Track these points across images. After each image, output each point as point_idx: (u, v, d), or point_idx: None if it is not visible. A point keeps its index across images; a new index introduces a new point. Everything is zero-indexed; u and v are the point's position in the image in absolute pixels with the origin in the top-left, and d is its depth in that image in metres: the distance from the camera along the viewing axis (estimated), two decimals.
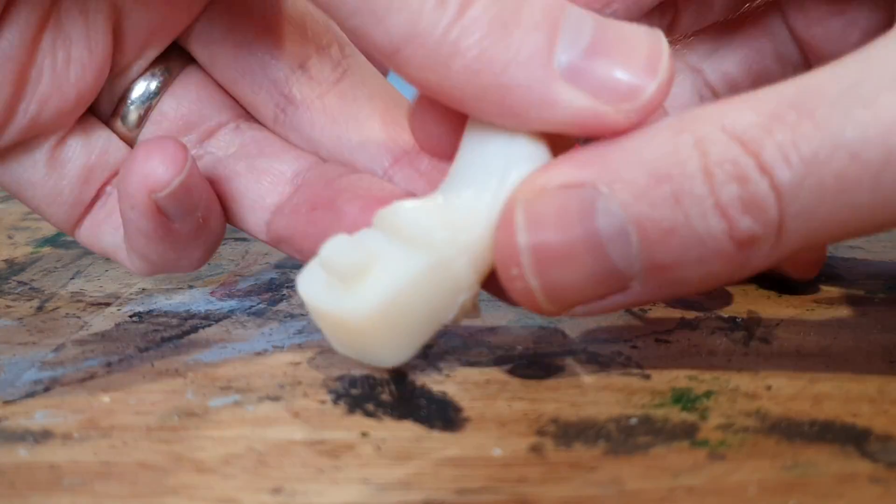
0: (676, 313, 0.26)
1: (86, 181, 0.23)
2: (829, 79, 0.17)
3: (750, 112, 0.17)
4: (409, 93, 0.21)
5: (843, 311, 0.26)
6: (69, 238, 0.36)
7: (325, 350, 0.24)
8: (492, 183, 0.19)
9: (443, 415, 0.20)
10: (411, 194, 0.22)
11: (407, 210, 0.19)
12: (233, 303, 0.28)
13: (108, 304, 0.28)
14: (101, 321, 0.26)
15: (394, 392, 0.21)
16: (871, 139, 0.16)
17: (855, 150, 0.16)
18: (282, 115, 0.23)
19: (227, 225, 0.25)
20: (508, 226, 0.18)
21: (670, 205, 0.17)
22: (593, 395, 0.21)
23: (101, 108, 0.24)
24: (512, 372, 0.22)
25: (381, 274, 0.18)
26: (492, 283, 0.19)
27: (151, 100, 0.23)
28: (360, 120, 0.23)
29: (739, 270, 0.18)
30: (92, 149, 0.23)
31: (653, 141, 0.17)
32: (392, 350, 0.19)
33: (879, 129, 0.16)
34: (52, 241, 0.36)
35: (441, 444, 0.19)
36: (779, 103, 0.17)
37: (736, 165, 0.16)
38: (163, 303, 0.28)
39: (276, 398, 0.21)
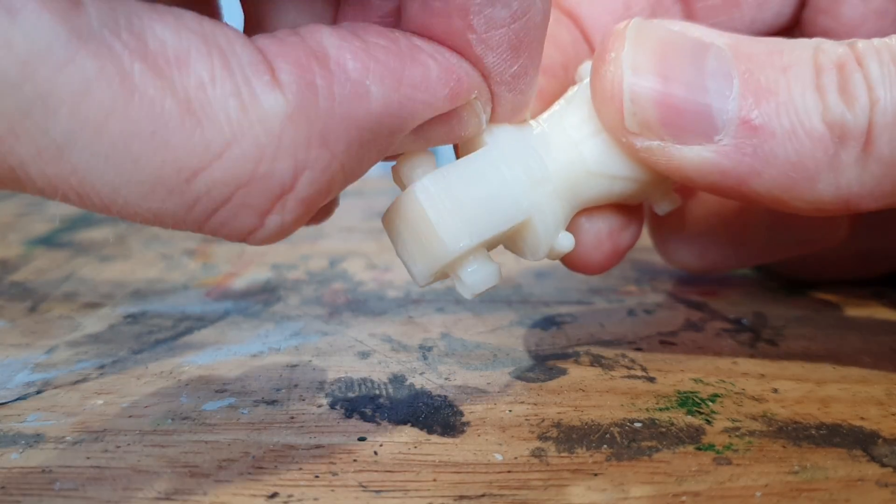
0: (681, 315, 0.26)
1: None
2: None
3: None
4: None
5: (851, 313, 0.26)
6: (63, 238, 0.36)
7: (323, 352, 0.23)
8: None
9: (442, 419, 0.20)
10: None
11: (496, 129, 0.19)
12: (228, 304, 0.27)
13: (101, 306, 0.27)
14: (95, 322, 0.26)
15: (392, 395, 0.21)
16: None
17: None
18: None
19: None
20: (621, 28, 0.19)
21: (777, 72, 0.18)
22: (596, 398, 0.20)
23: None
24: (513, 375, 0.22)
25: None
26: None
27: None
28: None
29: (827, 170, 0.18)
30: None
31: (775, 40, 0.19)
32: (450, 231, 0.18)
33: None
34: (46, 241, 0.35)
35: (440, 449, 0.18)
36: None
37: (839, 58, 0.18)
38: (157, 304, 0.27)
39: (271, 401, 0.20)
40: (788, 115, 0.17)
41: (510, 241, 0.20)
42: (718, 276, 0.30)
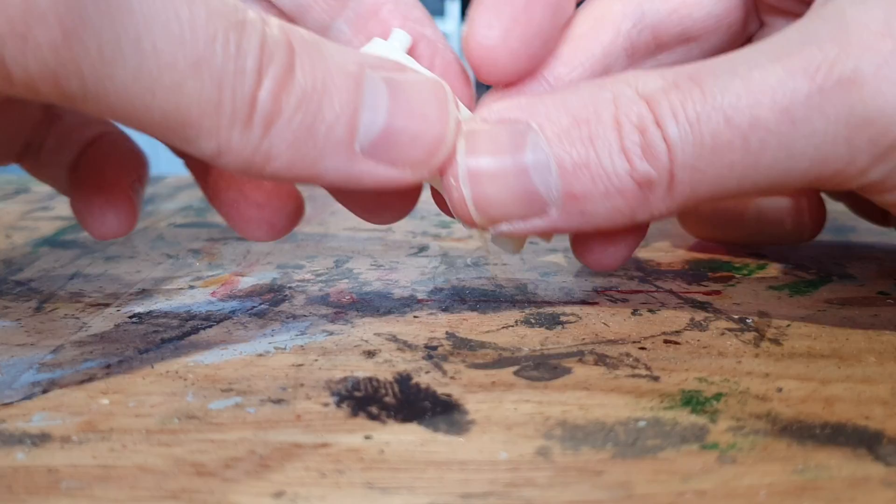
0: (685, 314, 0.26)
1: None
2: (724, 58, 0.20)
3: (658, 79, 0.20)
4: None
5: (856, 312, 0.26)
6: (68, 238, 0.36)
7: (328, 351, 0.23)
8: None
9: (448, 418, 0.20)
10: None
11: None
12: (234, 303, 0.27)
13: (107, 305, 0.27)
14: (101, 322, 0.26)
15: (398, 394, 0.21)
16: (740, 106, 0.19)
17: (728, 115, 0.19)
18: None
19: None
20: (453, 150, 0.21)
21: (586, 144, 0.20)
22: (601, 397, 0.20)
23: None
24: (518, 374, 0.22)
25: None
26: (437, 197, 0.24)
27: None
28: None
29: (641, 209, 0.21)
30: None
31: (579, 93, 0.21)
32: None
33: (748, 99, 0.19)
34: (51, 241, 0.35)
35: (446, 447, 0.18)
36: (680, 73, 0.20)
37: (640, 118, 0.20)
38: (163, 303, 0.27)
39: (277, 400, 0.20)
40: (602, 181, 0.20)
41: None
42: (724, 276, 0.30)
